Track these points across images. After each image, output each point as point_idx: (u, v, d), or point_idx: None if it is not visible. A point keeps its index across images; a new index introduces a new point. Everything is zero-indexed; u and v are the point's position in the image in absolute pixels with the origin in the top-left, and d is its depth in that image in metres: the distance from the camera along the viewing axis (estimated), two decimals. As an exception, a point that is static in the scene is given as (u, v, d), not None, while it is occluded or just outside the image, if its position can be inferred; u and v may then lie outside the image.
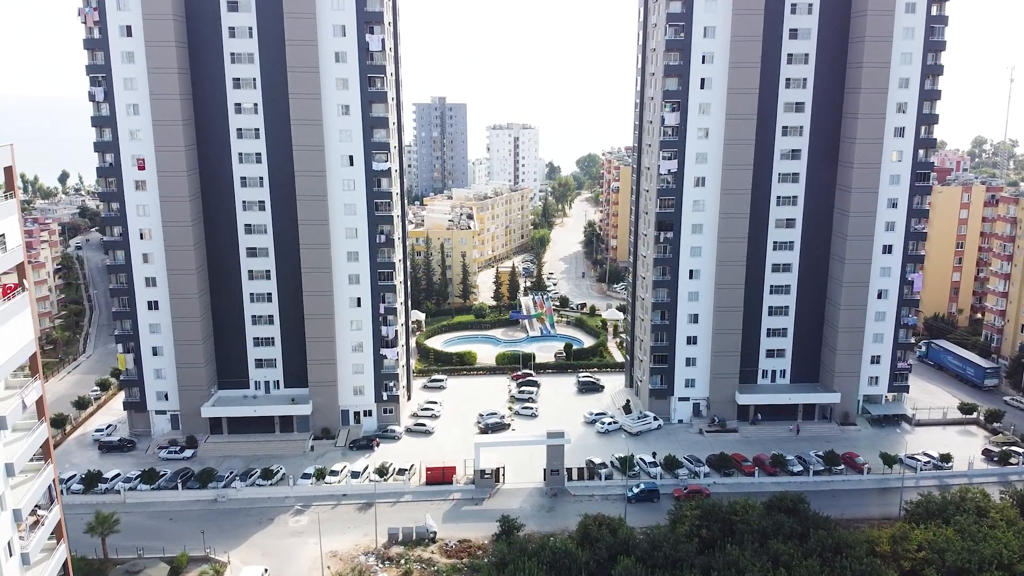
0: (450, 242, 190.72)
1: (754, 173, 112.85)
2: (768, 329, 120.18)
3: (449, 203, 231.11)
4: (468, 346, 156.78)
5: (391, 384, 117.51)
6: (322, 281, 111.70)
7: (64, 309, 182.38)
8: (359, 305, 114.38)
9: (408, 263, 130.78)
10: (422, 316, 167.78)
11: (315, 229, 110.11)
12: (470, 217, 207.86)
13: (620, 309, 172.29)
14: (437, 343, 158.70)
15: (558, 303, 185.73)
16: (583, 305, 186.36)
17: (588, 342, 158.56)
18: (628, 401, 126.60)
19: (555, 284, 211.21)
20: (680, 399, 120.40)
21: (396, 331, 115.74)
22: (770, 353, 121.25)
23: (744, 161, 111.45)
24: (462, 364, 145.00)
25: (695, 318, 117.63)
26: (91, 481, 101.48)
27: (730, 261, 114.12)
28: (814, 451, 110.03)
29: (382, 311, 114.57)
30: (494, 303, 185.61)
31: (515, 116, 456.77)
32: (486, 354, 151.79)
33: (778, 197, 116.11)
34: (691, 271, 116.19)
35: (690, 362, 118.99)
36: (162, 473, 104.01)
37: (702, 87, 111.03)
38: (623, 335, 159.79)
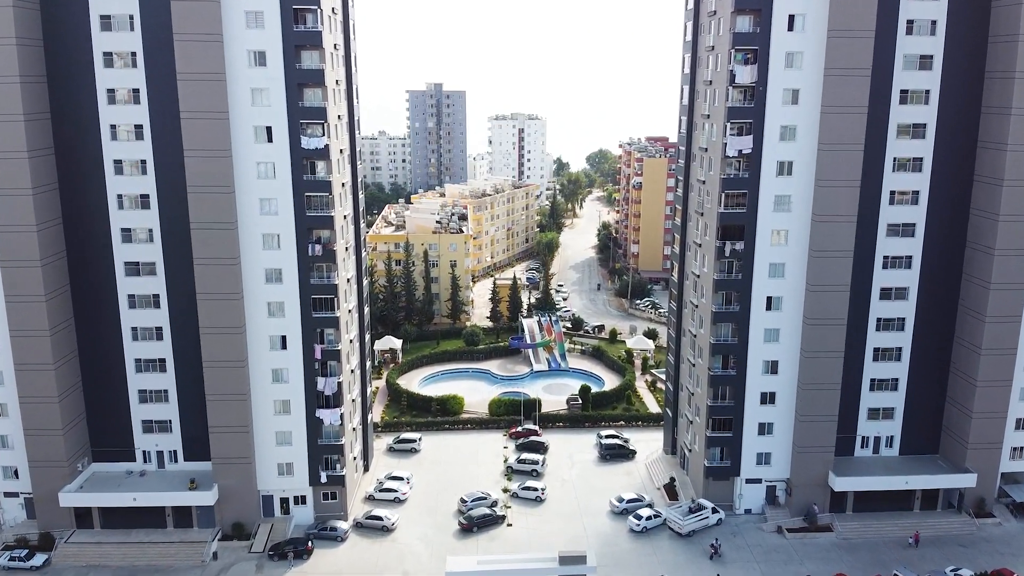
0: (436, 248, 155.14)
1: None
2: (872, 380, 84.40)
3: (441, 201, 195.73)
4: (454, 384, 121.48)
5: (334, 459, 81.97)
6: (227, 312, 76.18)
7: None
8: (283, 347, 78.76)
9: (366, 282, 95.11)
10: (398, 343, 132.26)
11: (214, 236, 74.60)
12: (462, 218, 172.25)
13: (649, 335, 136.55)
14: (414, 380, 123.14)
15: (569, 324, 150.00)
16: (600, 328, 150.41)
17: (610, 381, 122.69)
18: (672, 480, 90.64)
19: (565, 299, 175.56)
20: (749, 481, 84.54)
21: (340, 383, 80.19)
22: (873, 414, 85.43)
23: (851, 138, 75.62)
24: (444, 413, 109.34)
25: (773, 367, 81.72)
26: None
27: (827, 285, 78.23)
28: (952, 567, 74.68)
29: (319, 355, 79.03)
30: (491, 324, 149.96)
31: (519, 106, 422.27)
32: (477, 397, 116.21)
33: (892, 193, 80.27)
34: (769, 299, 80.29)
35: (765, 429, 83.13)
36: (-18, 600, 69.39)
37: (790, 28, 75.10)
38: (654, 372, 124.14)
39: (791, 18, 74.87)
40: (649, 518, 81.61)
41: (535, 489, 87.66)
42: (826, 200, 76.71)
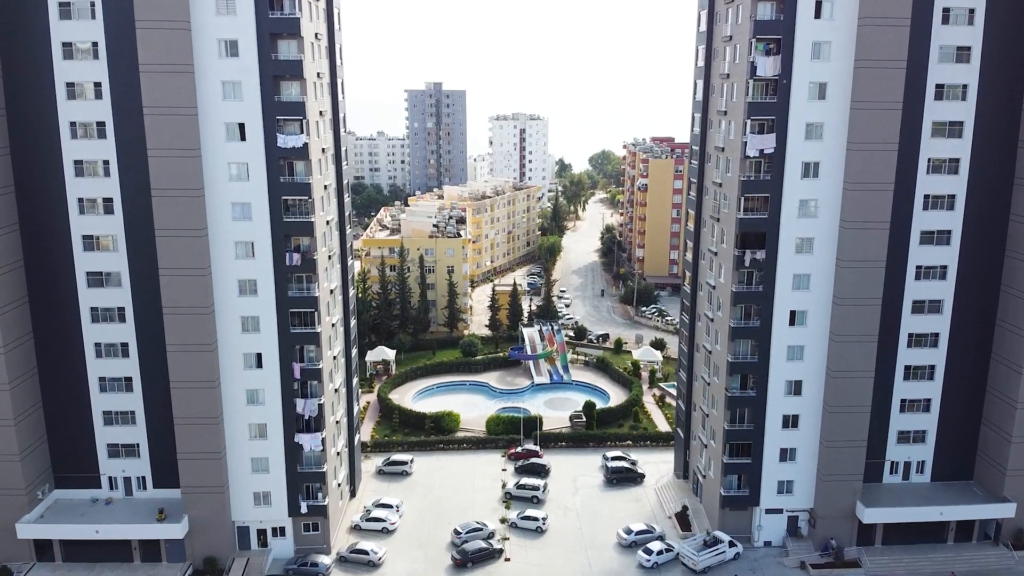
0: (433, 253, 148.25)
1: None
2: (903, 401, 77.53)
3: (439, 203, 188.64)
4: (450, 399, 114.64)
5: (315, 487, 75.13)
6: (197, 328, 69.36)
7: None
8: (259, 365, 71.89)
9: (353, 292, 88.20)
10: (392, 354, 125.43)
11: (182, 244, 67.81)
12: (460, 221, 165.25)
13: (656, 345, 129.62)
14: (407, 394, 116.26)
15: (572, 333, 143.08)
16: (604, 337, 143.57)
17: (615, 395, 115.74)
18: (685, 508, 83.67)
19: (568, 305, 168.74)
20: (768, 511, 77.60)
21: (321, 405, 73.34)
22: (903, 437, 78.54)
23: (883, 136, 68.70)
24: (438, 431, 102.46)
25: (796, 387, 74.80)
26: None
27: (856, 298, 71.28)
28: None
29: (297, 374, 72.19)
30: (490, 333, 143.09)
31: (520, 106, 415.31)
32: (474, 413, 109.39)
33: (926, 197, 73.29)
34: (792, 313, 73.36)
35: (787, 455, 76.20)
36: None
37: (817, 15, 68.18)
38: (663, 386, 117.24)
39: (818, 4, 67.90)
40: (660, 552, 74.55)
41: (536, 519, 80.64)
42: (856, 205, 69.74)
